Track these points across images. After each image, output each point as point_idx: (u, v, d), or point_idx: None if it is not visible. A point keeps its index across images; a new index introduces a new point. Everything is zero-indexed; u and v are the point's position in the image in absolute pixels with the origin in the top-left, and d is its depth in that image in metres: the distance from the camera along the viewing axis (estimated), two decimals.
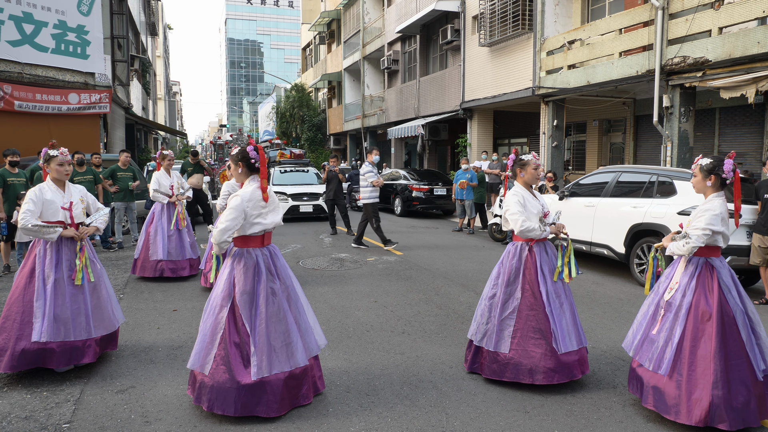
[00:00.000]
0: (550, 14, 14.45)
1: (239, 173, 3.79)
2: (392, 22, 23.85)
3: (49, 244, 4.30)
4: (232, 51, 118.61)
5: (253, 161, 3.73)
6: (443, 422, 3.61)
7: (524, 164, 4.31)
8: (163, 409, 3.76)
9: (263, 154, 3.75)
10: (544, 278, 4.12)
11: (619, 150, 15.87)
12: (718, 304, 3.49)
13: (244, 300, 3.63)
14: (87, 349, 4.32)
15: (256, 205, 3.65)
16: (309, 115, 35.24)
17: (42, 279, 4.22)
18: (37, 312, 4.16)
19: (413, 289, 7.28)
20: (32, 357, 4.15)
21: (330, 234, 12.45)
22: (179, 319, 5.86)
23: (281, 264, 3.86)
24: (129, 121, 22.52)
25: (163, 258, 7.53)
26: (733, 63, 9.61)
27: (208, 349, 3.62)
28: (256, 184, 3.72)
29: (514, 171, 4.39)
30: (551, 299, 4.08)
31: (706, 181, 3.66)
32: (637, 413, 3.75)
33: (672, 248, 3.64)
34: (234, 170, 3.81)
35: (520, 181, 4.34)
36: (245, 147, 3.76)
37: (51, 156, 4.41)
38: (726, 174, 3.61)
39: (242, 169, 3.76)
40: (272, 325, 3.65)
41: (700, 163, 3.70)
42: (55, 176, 4.42)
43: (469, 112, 18.73)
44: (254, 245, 3.73)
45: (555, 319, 4.04)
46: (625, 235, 7.98)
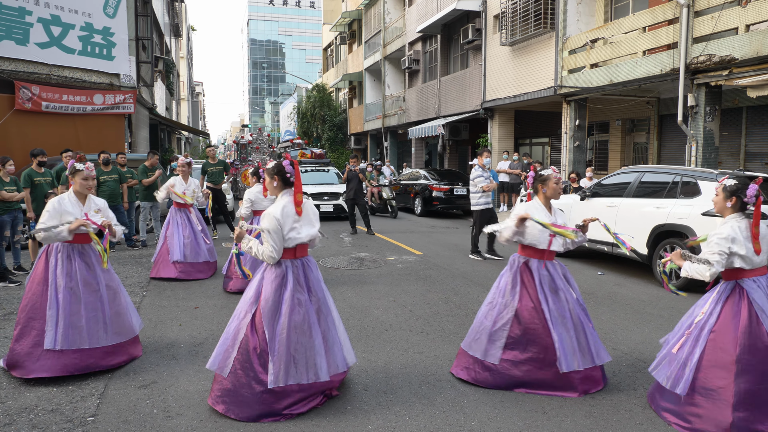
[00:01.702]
0: (572, 13, 14.32)
1: (274, 186, 3.83)
2: (413, 21, 23.83)
3: (61, 253, 4.34)
4: (254, 51, 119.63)
5: (288, 175, 3.79)
6: (461, 421, 3.61)
7: (545, 179, 4.20)
8: (185, 405, 3.83)
9: (298, 169, 3.81)
10: (545, 296, 4.03)
11: (643, 150, 15.65)
12: (746, 327, 3.43)
13: (267, 308, 3.65)
14: (107, 357, 4.38)
15: (287, 221, 3.69)
16: (330, 115, 35.39)
17: (54, 287, 4.28)
18: (50, 320, 4.21)
19: (432, 289, 7.28)
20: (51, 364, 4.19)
21: (350, 233, 12.50)
22: (201, 317, 5.94)
23: (314, 277, 3.87)
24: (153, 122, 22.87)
25: (180, 259, 7.65)
26: (760, 61, 9.41)
27: (228, 352, 3.67)
28: (288, 198, 3.77)
29: (535, 188, 4.25)
30: (553, 317, 3.98)
31: (726, 201, 3.59)
32: (657, 416, 3.71)
33: (691, 272, 3.55)
34: (269, 183, 3.85)
35: (541, 197, 4.23)
36: (281, 161, 3.82)
37: (77, 170, 4.50)
38: (748, 198, 3.52)
39: (277, 182, 3.81)
40: (294, 336, 3.63)
41: (725, 183, 3.61)
42: (78, 189, 4.51)
43: (490, 111, 18.64)
44: (285, 257, 3.75)
45: (558, 338, 3.94)
46: (648, 236, 7.88)
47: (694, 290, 7.32)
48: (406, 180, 18.07)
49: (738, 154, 12.79)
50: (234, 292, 6.91)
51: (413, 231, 13.15)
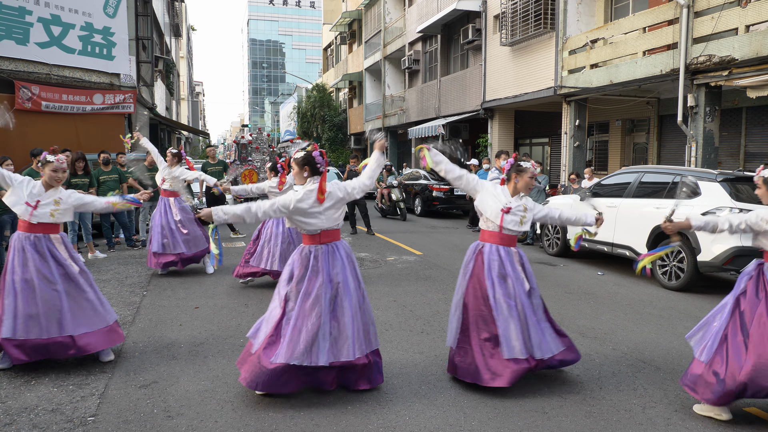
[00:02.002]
0: (572, 13, 14.32)
1: (304, 177, 3.92)
2: (413, 22, 23.83)
3: (16, 242, 4.40)
4: (254, 51, 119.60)
5: (318, 165, 3.91)
6: (461, 421, 3.61)
7: (522, 170, 4.13)
8: (185, 404, 3.83)
9: (326, 159, 3.97)
10: (492, 283, 4.01)
11: (643, 150, 15.65)
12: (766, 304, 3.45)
13: (290, 291, 3.90)
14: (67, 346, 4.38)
15: (304, 205, 3.80)
16: (330, 115, 35.39)
17: (12, 278, 4.33)
18: (7, 309, 4.27)
19: (432, 289, 7.29)
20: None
21: (350, 233, 12.50)
22: (201, 316, 5.95)
23: (340, 263, 3.93)
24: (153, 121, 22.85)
25: (158, 251, 7.74)
26: (760, 62, 9.42)
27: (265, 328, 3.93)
28: (313, 186, 3.87)
29: (509, 175, 4.20)
30: (498, 304, 3.97)
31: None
32: (657, 415, 3.71)
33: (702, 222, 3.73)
34: (298, 173, 3.93)
35: (511, 187, 4.17)
36: (311, 152, 3.92)
37: (47, 161, 4.51)
38: None
39: (308, 172, 3.91)
40: (302, 320, 3.80)
41: (763, 175, 3.53)
42: (47, 180, 4.51)
43: (490, 111, 18.64)
44: (311, 242, 3.93)
45: (500, 324, 3.95)
46: (648, 237, 7.88)
47: (693, 290, 7.33)
48: (406, 180, 18.07)
49: (738, 155, 12.80)
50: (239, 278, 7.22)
51: (413, 231, 13.16)
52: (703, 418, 3.68)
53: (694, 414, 3.74)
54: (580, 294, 7.05)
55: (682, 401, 3.94)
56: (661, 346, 5.14)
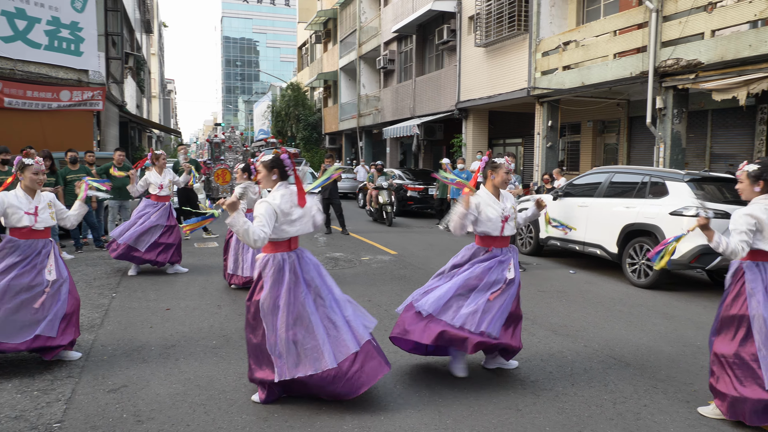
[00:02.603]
0: (545, 15, 14.50)
1: (272, 180, 3.82)
2: (388, 21, 23.86)
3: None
4: (227, 49, 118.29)
5: (287, 169, 3.81)
6: (436, 420, 3.62)
7: (496, 167, 4.21)
8: (156, 408, 3.76)
9: (293, 162, 3.86)
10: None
11: (613, 151, 15.94)
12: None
13: (266, 305, 3.72)
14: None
15: (284, 212, 3.72)
16: (304, 114, 35.22)
17: None
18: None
19: (408, 289, 7.29)
20: None
21: (324, 233, 12.45)
22: (172, 318, 5.85)
23: (307, 265, 3.87)
24: (123, 119, 22.46)
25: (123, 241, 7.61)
26: (725, 65, 9.67)
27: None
28: (287, 190, 3.79)
29: (485, 173, 4.27)
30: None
31: (753, 186, 3.56)
32: (627, 410, 3.78)
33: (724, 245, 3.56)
34: (266, 176, 3.82)
35: (489, 185, 4.26)
36: (279, 155, 3.82)
37: (26, 165, 4.40)
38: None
39: (276, 176, 3.81)
40: (293, 330, 3.68)
41: (746, 170, 3.58)
42: (28, 184, 4.41)
43: (465, 112, 18.76)
44: (280, 250, 3.79)
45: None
46: (618, 235, 8.02)
47: (662, 288, 7.49)
48: None
49: (704, 156, 13.12)
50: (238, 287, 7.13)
51: (388, 230, 13.17)
52: (672, 412, 3.76)
53: (663, 409, 3.81)
54: (553, 292, 7.13)
55: (651, 396, 4.02)
56: (631, 342, 5.23)
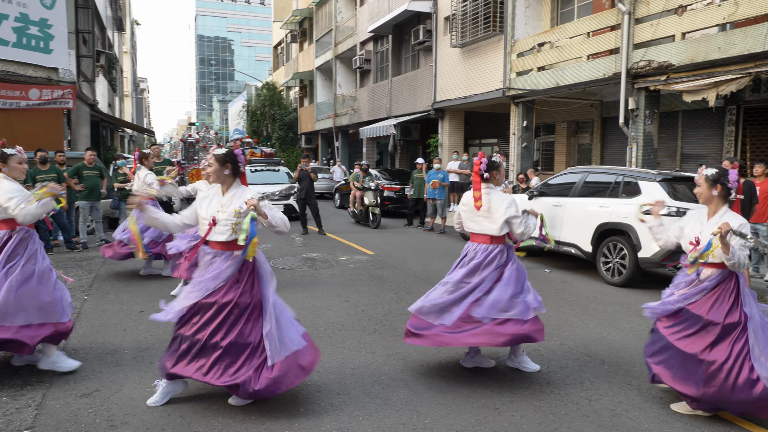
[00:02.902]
0: (520, 17, 14.64)
1: (225, 175, 3.75)
2: (364, 21, 23.84)
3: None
4: (201, 48, 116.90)
5: (240, 165, 3.77)
6: (414, 420, 3.63)
7: (498, 166, 4.29)
8: (130, 413, 3.69)
9: (245, 159, 3.83)
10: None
11: (587, 151, 16.16)
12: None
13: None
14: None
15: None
16: (280, 114, 34.98)
17: None
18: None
19: (384, 289, 7.29)
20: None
21: (301, 233, 12.38)
22: (146, 321, 5.75)
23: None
24: (94, 119, 22.02)
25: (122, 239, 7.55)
26: (695, 67, 9.88)
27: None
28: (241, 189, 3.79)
29: (491, 173, 4.30)
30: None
31: (711, 190, 3.68)
32: (603, 407, 3.83)
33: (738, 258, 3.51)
34: (218, 170, 3.73)
35: (493, 182, 4.32)
36: (232, 150, 3.77)
37: (8, 155, 4.26)
38: (731, 184, 3.64)
39: (229, 171, 3.75)
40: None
41: (705, 174, 3.71)
42: (16, 175, 4.28)
43: (441, 112, 18.84)
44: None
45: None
46: (592, 234, 8.14)
47: (635, 286, 7.62)
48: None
49: (675, 156, 13.38)
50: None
51: (364, 231, 13.15)
52: (646, 408, 3.83)
53: (638, 405, 3.88)
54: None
55: (626, 393, 4.09)
56: (605, 340, 5.31)
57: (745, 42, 8.87)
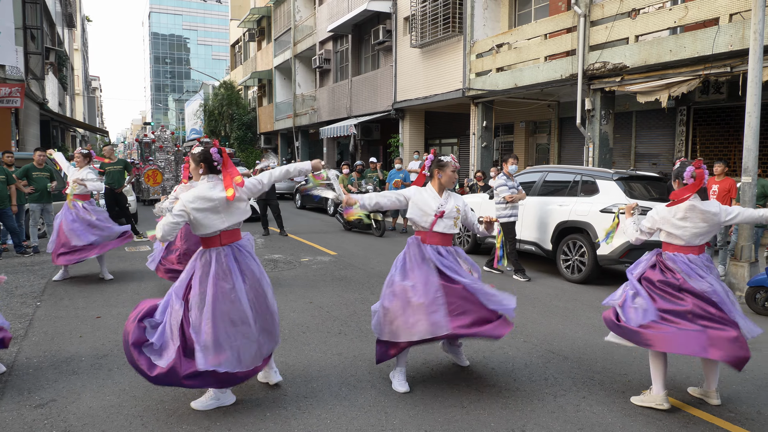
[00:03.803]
0: (479, 18, 14.81)
1: (199, 174, 3.72)
2: (324, 20, 23.70)
3: None
4: (156, 46, 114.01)
5: (215, 163, 3.69)
6: (383, 421, 3.61)
7: (443, 165, 4.20)
8: (89, 423, 3.56)
9: (227, 157, 3.72)
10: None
11: (545, 150, 16.49)
12: None
13: (194, 301, 3.63)
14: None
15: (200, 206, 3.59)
16: (238, 113, 34.44)
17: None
18: None
19: (349, 289, 7.26)
20: None
21: (262, 235, 12.21)
22: (103, 327, 5.56)
23: (246, 262, 3.79)
24: (44, 118, 21.23)
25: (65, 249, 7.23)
26: (648, 69, 10.19)
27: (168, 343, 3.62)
28: (210, 185, 3.67)
29: (431, 171, 4.27)
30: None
31: (674, 184, 4.04)
32: (567, 403, 3.90)
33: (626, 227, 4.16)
34: (194, 170, 3.74)
35: (435, 183, 4.24)
36: (209, 148, 3.69)
37: None
38: (686, 179, 3.91)
39: (203, 169, 3.70)
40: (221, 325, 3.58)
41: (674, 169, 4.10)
42: None
43: (401, 112, 18.90)
44: (210, 245, 3.72)
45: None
46: (552, 233, 8.29)
47: (594, 282, 7.80)
48: None
49: (629, 155, 13.79)
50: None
51: (327, 231, 13.08)
52: (609, 403, 3.92)
53: (601, 400, 3.97)
54: None
55: (589, 388, 4.17)
56: (567, 336, 5.42)
57: (695, 45, 9.20)
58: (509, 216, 8.14)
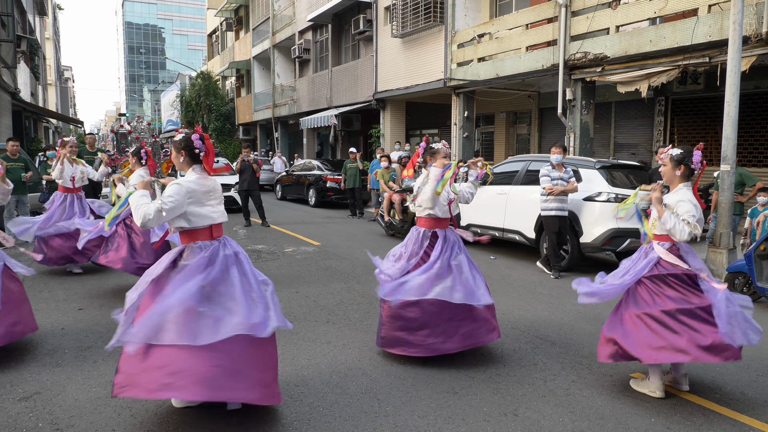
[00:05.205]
0: (460, 8, 14.79)
1: (181, 162, 3.55)
2: (303, 10, 23.46)
3: None
4: (130, 36, 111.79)
5: (197, 151, 3.49)
6: (375, 408, 3.61)
7: (435, 152, 4.38)
8: (75, 415, 3.49)
9: (210, 143, 3.55)
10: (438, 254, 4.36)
11: (525, 141, 16.59)
12: None
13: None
14: None
15: (197, 195, 3.40)
16: (216, 104, 34.00)
17: None
18: None
19: (334, 279, 7.23)
20: None
21: (244, 225, 12.10)
22: (86, 319, 5.46)
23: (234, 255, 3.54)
24: (16, 108, 20.69)
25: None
26: (628, 59, 10.29)
27: None
28: (199, 175, 3.48)
29: (424, 158, 4.43)
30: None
31: (675, 170, 3.77)
32: (558, 387, 3.94)
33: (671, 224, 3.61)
34: (175, 158, 3.58)
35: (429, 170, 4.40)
36: (190, 135, 3.52)
37: None
38: (695, 165, 3.74)
39: (184, 158, 3.52)
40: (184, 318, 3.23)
41: (671, 153, 3.80)
42: None
43: (382, 102, 18.84)
44: (203, 238, 3.44)
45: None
46: (536, 221, 8.35)
47: (577, 270, 7.89)
48: (299, 171, 17.81)
49: (608, 145, 13.95)
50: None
51: (309, 222, 13.01)
52: (598, 386, 3.97)
53: (590, 383, 4.02)
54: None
55: (578, 372, 4.22)
56: (554, 322, 5.47)
57: (674, 35, 9.30)
58: (554, 210, 7.52)
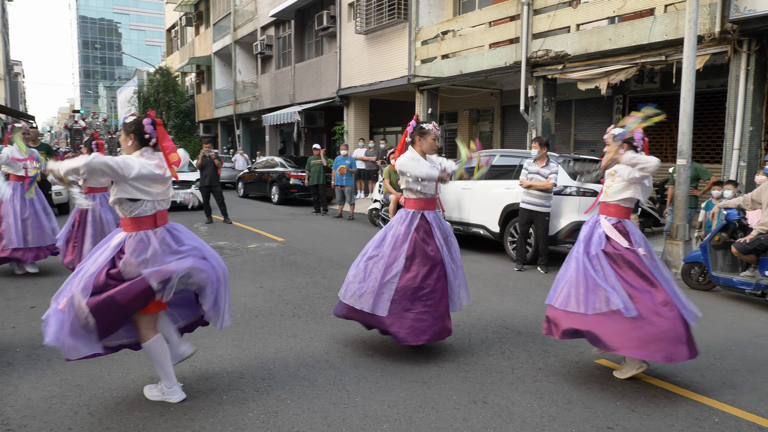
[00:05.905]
0: (424, 5, 14.83)
1: (129, 146, 3.36)
2: (265, 5, 23.16)
3: None
4: (84, 30, 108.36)
5: (147, 136, 3.33)
6: (344, 399, 3.55)
7: (425, 132, 4.29)
8: (28, 414, 3.32)
9: (164, 131, 3.39)
10: (442, 245, 4.26)
11: (488, 138, 16.77)
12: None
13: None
14: None
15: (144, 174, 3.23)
16: (176, 100, 33.26)
17: None
18: None
19: (299, 273, 7.14)
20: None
21: (206, 222, 11.85)
22: (38, 317, 5.20)
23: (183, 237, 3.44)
24: None
25: (20, 246, 6.70)
26: (588, 57, 10.49)
27: None
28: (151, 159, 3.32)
29: (413, 137, 4.33)
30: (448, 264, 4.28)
31: (619, 149, 3.98)
32: (525, 374, 3.96)
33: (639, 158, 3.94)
34: (123, 140, 3.39)
35: (417, 149, 4.33)
36: (142, 118, 3.36)
37: None
38: (636, 142, 4.04)
39: (133, 141, 3.34)
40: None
41: (613, 133, 4.07)
42: None
43: (346, 99, 18.75)
44: (145, 227, 3.29)
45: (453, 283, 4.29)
46: (500, 215, 8.43)
47: None
48: (261, 168, 17.56)
49: (569, 142, 14.21)
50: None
51: (272, 219, 12.83)
52: (564, 372, 4.01)
53: (557, 370, 4.06)
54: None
55: (545, 360, 4.26)
56: (520, 313, 5.52)
57: (632, 34, 9.53)
58: (523, 202, 7.62)
